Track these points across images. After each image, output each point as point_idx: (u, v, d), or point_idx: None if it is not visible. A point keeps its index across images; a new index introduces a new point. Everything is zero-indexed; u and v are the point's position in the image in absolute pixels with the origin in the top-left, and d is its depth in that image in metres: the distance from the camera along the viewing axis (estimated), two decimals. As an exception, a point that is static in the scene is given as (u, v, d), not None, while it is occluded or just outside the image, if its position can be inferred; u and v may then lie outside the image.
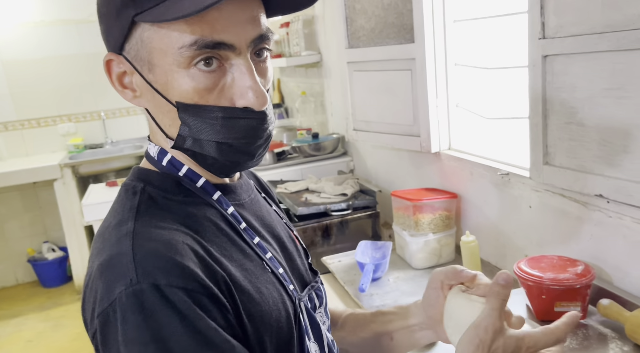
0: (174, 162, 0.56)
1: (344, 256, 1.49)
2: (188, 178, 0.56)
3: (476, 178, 1.38)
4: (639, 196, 0.88)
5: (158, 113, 0.54)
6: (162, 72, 0.51)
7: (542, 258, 1.02)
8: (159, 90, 0.52)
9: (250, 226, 0.58)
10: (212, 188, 0.57)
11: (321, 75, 2.41)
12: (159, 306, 0.44)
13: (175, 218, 0.52)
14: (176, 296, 0.45)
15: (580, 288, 0.92)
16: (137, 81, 0.53)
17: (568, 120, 1.01)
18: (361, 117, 1.78)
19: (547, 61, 1.02)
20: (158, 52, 0.50)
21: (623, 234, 0.96)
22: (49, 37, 3.36)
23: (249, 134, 0.53)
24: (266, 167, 2.19)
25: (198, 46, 0.48)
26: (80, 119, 3.53)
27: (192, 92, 0.50)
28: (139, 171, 0.58)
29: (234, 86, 0.51)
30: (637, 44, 0.83)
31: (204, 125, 0.51)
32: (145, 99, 0.54)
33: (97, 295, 0.47)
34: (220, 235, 0.53)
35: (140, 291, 0.44)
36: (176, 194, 0.55)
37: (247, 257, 0.54)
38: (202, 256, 0.49)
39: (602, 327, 0.92)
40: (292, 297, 0.57)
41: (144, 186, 0.55)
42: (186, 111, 0.51)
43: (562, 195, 1.09)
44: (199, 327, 0.45)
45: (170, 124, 0.53)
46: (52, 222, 3.48)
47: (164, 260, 0.46)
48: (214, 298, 0.47)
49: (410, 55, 1.48)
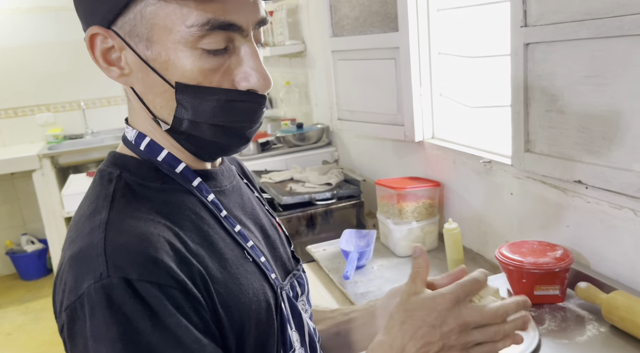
0: (152, 146, 0.54)
1: (328, 245, 1.50)
2: (167, 164, 0.54)
3: (459, 167, 1.40)
4: (617, 181, 0.90)
5: (148, 93, 0.51)
6: (162, 49, 0.49)
7: (522, 243, 1.04)
8: (155, 68, 0.49)
9: (232, 213, 0.57)
10: (192, 174, 0.55)
11: (305, 65, 2.40)
12: (129, 302, 0.43)
13: (152, 207, 0.50)
14: (148, 291, 0.43)
15: (559, 272, 0.94)
16: (129, 58, 0.50)
17: (548, 108, 1.03)
18: (345, 107, 1.78)
19: (529, 49, 1.04)
20: (161, 28, 0.48)
21: (600, 219, 0.98)
22: (26, 25, 3.27)
23: (248, 117, 0.52)
24: (250, 157, 2.18)
25: (211, 26, 0.47)
26: (60, 109, 3.45)
27: (197, 73, 0.49)
28: (115, 156, 0.56)
29: (238, 68, 0.50)
30: (616, 32, 0.84)
31: (204, 107, 0.50)
32: (135, 77, 0.51)
33: (66, 287, 0.45)
34: (199, 224, 0.52)
35: (109, 285, 0.43)
36: (154, 180, 0.53)
37: (227, 246, 0.53)
38: (178, 249, 0.47)
39: (580, 309, 0.94)
40: (274, 286, 0.56)
41: (120, 173, 0.53)
42: (185, 92, 0.49)
43: (543, 182, 1.11)
44: (169, 324, 0.43)
45: (163, 106, 0.51)
46: (30, 214, 3.41)
47: (137, 254, 0.44)
48: (188, 293, 0.45)
49: (394, 44, 1.49)
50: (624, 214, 0.93)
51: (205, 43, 0.48)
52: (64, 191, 2.34)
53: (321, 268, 1.39)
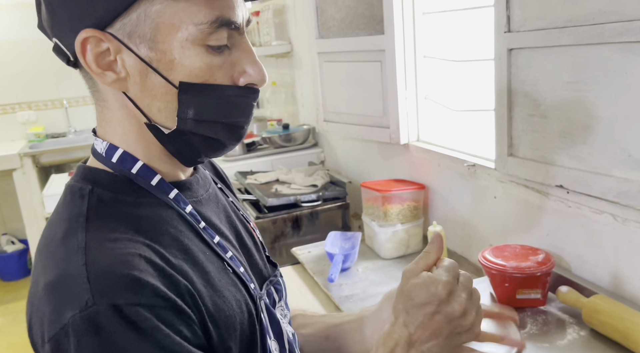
0: (125, 158, 0.52)
1: (313, 247, 1.50)
2: (142, 176, 0.52)
3: (443, 170, 1.40)
4: (597, 186, 0.91)
5: (145, 97, 0.50)
6: (168, 49, 0.48)
7: (505, 247, 1.05)
8: (158, 69, 0.48)
9: (210, 224, 0.56)
10: (168, 186, 0.53)
11: (292, 65, 2.39)
12: (119, 328, 0.41)
13: (129, 225, 0.48)
14: (137, 314, 0.42)
15: (541, 276, 0.95)
16: (127, 61, 0.49)
17: (531, 112, 1.04)
18: (331, 109, 1.78)
19: (512, 54, 1.04)
20: (167, 27, 0.47)
21: (581, 223, 1.00)
22: (7, 21, 3.21)
23: (245, 112, 0.53)
24: (236, 158, 2.16)
25: (220, 24, 0.48)
26: (41, 107, 3.39)
27: (205, 70, 0.49)
28: (84, 170, 0.53)
29: (237, 64, 0.51)
30: (596, 39, 0.85)
31: (208, 105, 0.50)
32: (131, 81, 0.50)
33: (45, 318, 0.43)
34: (179, 238, 0.50)
35: (97, 313, 0.41)
36: (129, 194, 0.51)
37: (207, 259, 0.52)
38: (161, 267, 0.45)
39: (561, 313, 0.95)
40: (254, 297, 0.55)
41: (92, 188, 0.50)
42: (189, 92, 0.49)
43: (526, 186, 1.12)
44: (163, 344, 0.42)
45: (162, 109, 0.50)
46: (11, 214, 3.34)
47: (121, 277, 0.43)
48: (178, 310, 0.44)
49: (380, 46, 1.49)
50: (604, 219, 0.94)
51: (212, 40, 0.49)
52: (45, 191, 2.30)
53: (306, 271, 1.38)
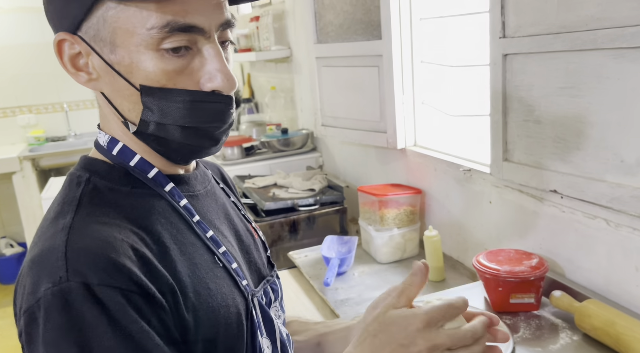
0: (125, 151, 0.54)
1: (310, 251, 1.50)
2: (139, 169, 0.54)
3: (440, 174, 1.41)
4: (590, 192, 0.91)
5: (117, 97, 0.52)
6: (125, 53, 0.49)
7: (499, 251, 1.05)
8: (120, 72, 0.50)
9: (204, 218, 0.57)
10: (164, 179, 0.55)
11: (291, 70, 2.41)
12: (87, 307, 0.42)
13: (120, 212, 0.50)
14: (108, 296, 0.42)
15: (534, 281, 0.95)
16: (95, 63, 0.51)
17: (526, 118, 1.04)
18: (329, 113, 1.79)
19: (507, 60, 1.05)
20: (123, 32, 0.48)
21: (575, 228, 1.00)
22: (8, 25, 3.23)
23: (216, 118, 0.52)
24: (234, 162, 2.17)
25: (171, 28, 0.47)
26: (42, 111, 3.41)
27: (160, 75, 0.49)
28: (85, 160, 0.55)
29: (202, 70, 0.51)
30: (589, 45, 0.86)
31: (170, 109, 0.50)
32: (103, 82, 0.52)
33: (25, 291, 0.45)
34: (168, 229, 0.52)
35: (68, 289, 0.42)
36: (124, 185, 0.53)
37: (197, 251, 0.53)
38: (143, 254, 0.47)
39: (554, 318, 0.95)
40: (245, 293, 0.56)
41: (89, 177, 0.52)
42: (150, 95, 0.50)
43: (520, 191, 1.12)
44: (130, 330, 0.43)
45: (131, 109, 0.51)
46: (10, 217, 3.35)
47: (98, 258, 0.44)
48: (150, 298, 0.45)
49: (378, 51, 1.50)
50: (598, 224, 0.95)
51: (166, 44, 0.48)
52: (44, 194, 2.30)
53: (302, 275, 1.38)
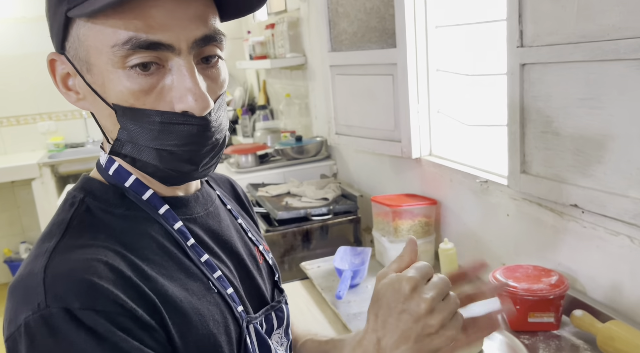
0: (120, 171, 0.53)
1: (323, 262, 1.48)
2: (134, 190, 0.53)
3: (455, 185, 1.38)
4: (612, 207, 0.88)
5: (101, 117, 0.51)
6: (98, 72, 0.48)
7: (517, 267, 1.01)
8: (97, 91, 0.49)
9: (201, 242, 0.55)
10: (159, 202, 0.53)
11: (306, 77, 2.40)
12: (72, 331, 0.41)
13: (110, 234, 0.49)
14: (92, 320, 0.41)
15: (554, 299, 0.92)
16: (78, 83, 0.51)
17: (544, 129, 1.01)
18: (343, 122, 1.77)
19: (525, 69, 1.02)
20: (94, 50, 0.47)
21: (597, 245, 0.96)
22: (30, 34, 3.30)
23: (190, 141, 0.48)
24: (248, 169, 2.17)
25: (132, 46, 0.45)
26: (61, 118, 3.47)
27: (128, 94, 0.47)
28: (84, 179, 0.55)
29: (173, 89, 0.47)
30: (611, 55, 0.83)
31: (141, 130, 0.48)
32: (88, 102, 0.51)
33: (7, 317, 0.44)
34: (159, 253, 0.50)
35: (49, 315, 0.41)
36: (117, 207, 0.52)
37: (189, 276, 0.51)
38: (128, 277, 0.45)
39: (575, 338, 0.91)
40: (239, 320, 0.54)
41: (83, 197, 0.52)
42: (124, 115, 0.48)
43: (539, 204, 1.09)
44: (121, 347, 0.42)
45: (112, 130, 0.50)
46: (30, 222, 3.41)
47: (78, 281, 0.43)
48: (137, 319, 0.44)
49: (392, 60, 1.48)
50: (621, 241, 0.91)
51: (131, 62, 0.46)
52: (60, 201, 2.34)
53: (314, 286, 1.37)
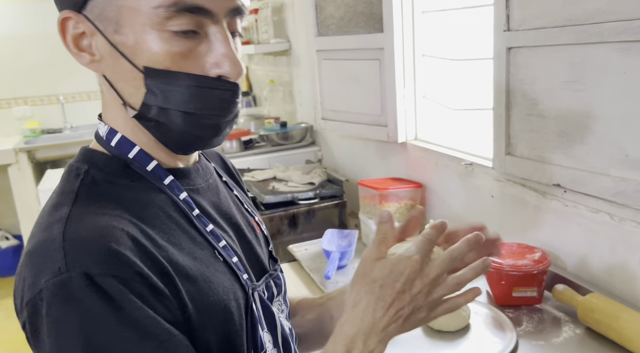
0: (123, 142, 0.53)
1: (310, 245, 1.50)
2: (138, 161, 0.53)
3: (441, 168, 1.40)
4: (594, 186, 0.91)
5: (119, 80, 0.50)
6: (130, 33, 0.47)
7: (502, 245, 1.05)
8: (124, 53, 0.48)
9: (205, 212, 0.56)
10: (163, 172, 0.53)
11: (290, 63, 2.39)
12: (90, 296, 0.41)
13: (118, 204, 0.49)
14: (111, 285, 0.42)
15: (537, 274, 0.96)
16: (99, 44, 0.49)
17: (529, 112, 1.04)
18: (329, 107, 1.78)
19: (511, 53, 1.05)
20: (129, 10, 0.47)
21: (578, 222, 1.00)
22: (5, 16, 3.19)
23: (220, 105, 0.50)
24: (233, 155, 2.16)
25: (177, 8, 0.46)
26: (37, 103, 3.38)
27: (164, 57, 0.47)
28: (85, 152, 0.54)
29: (208, 54, 0.49)
30: (595, 38, 0.86)
31: (173, 93, 0.48)
32: (105, 64, 0.50)
33: (25, 283, 0.44)
34: (167, 222, 0.51)
35: (68, 280, 0.41)
36: (122, 178, 0.52)
37: (197, 245, 0.52)
38: (143, 245, 0.46)
39: (557, 311, 0.95)
40: (245, 287, 0.55)
41: (87, 169, 0.51)
42: (154, 77, 0.48)
43: (523, 185, 1.12)
44: (136, 317, 0.42)
45: (132, 93, 0.50)
46: (5, 209, 3.32)
47: (97, 247, 0.43)
48: (152, 286, 0.44)
49: (379, 45, 1.49)
50: (601, 218, 0.95)
51: (172, 25, 0.47)
52: (41, 187, 2.29)
53: (302, 268, 1.38)
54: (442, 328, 0.90)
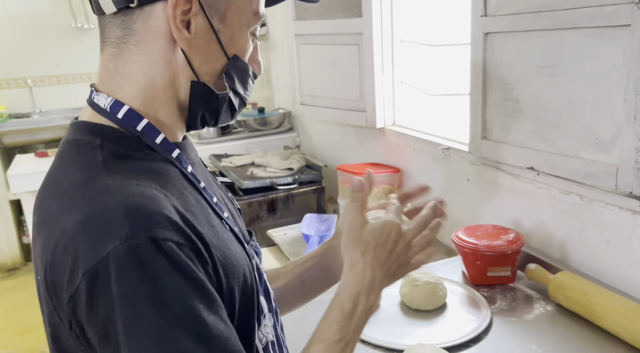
0: (131, 115, 0.53)
1: (289, 229, 1.50)
2: (146, 134, 0.54)
3: (418, 153, 1.42)
4: (565, 168, 0.94)
5: (198, 59, 0.55)
6: (231, 25, 0.56)
7: (478, 227, 1.08)
8: (221, 40, 0.56)
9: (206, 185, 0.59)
10: (170, 145, 0.55)
11: (267, 49, 2.37)
12: (158, 260, 0.44)
13: (144, 175, 0.51)
14: (171, 249, 0.45)
15: (511, 254, 0.99)
16: (200, 25, 0.54)
17: (505, 96, 1.06)
18: (308, 92, 1.78)
19: (488, 39, 1.07)
20: (236, 8, 0.56)
21: (550, 204, 1.03)
22: (-34, -6, 3.05)
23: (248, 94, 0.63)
24: (210, 140, 2.14)
25: (264, 18, 0.59)
26: (4, 86, 3.25)
27: (246, 51, 0.59)
28: (88, 125, 0.54)
29: (252, 56, 0.61)
30: (570, 24, 0.88)
31: (240, 78, 0.59)
32: (194, 43, 0.54)
33: (79, 253, 0.45)
34: (185, 193, 0.53)
35: (137, 245, 0.44)
36: (137, 151, 0.53)
37: (210, 215, 0.55)
38: (182, 213, 0.49)
39: (529, 289, 0.99)
40: (250, 254, 0.59)
41: (101, 142, 0.52)
42: (235, 64, 0.58)
43: (497, 168, 1.15)
44: (194, 278, 0.46)
45: (208, 73, 0.56)
46: (-28, 197, 3.21)
47: (155, 214, 0.46)
48: (198, 252, 0.48)
49: (358, 29, 1.49)
50: (572, 199, 0.98)
51: (255, 30, 0.59)
52: (10, 172, 2.22)
53: (282, 252, 1.39)
54: (420, 307, 0.93)
